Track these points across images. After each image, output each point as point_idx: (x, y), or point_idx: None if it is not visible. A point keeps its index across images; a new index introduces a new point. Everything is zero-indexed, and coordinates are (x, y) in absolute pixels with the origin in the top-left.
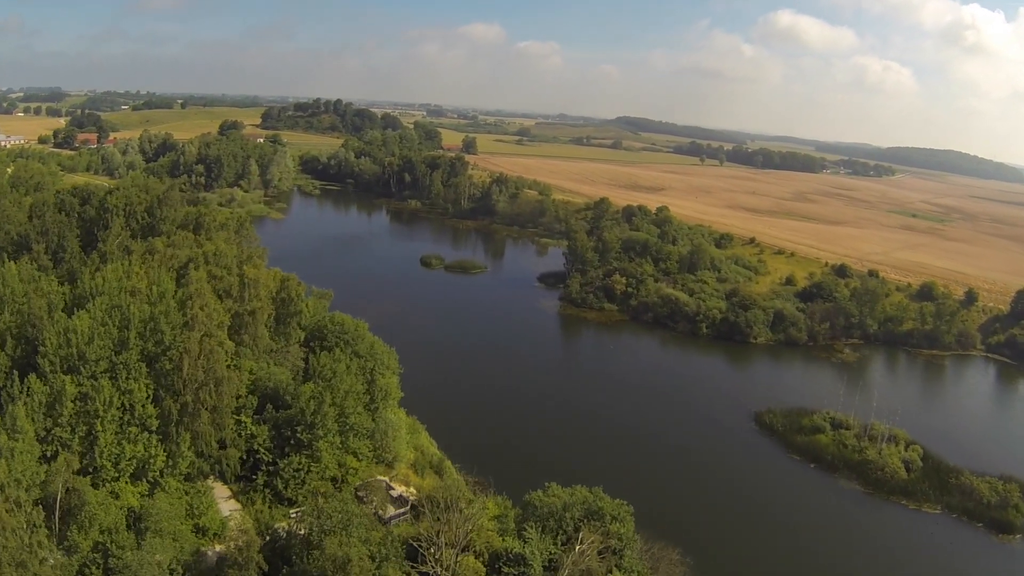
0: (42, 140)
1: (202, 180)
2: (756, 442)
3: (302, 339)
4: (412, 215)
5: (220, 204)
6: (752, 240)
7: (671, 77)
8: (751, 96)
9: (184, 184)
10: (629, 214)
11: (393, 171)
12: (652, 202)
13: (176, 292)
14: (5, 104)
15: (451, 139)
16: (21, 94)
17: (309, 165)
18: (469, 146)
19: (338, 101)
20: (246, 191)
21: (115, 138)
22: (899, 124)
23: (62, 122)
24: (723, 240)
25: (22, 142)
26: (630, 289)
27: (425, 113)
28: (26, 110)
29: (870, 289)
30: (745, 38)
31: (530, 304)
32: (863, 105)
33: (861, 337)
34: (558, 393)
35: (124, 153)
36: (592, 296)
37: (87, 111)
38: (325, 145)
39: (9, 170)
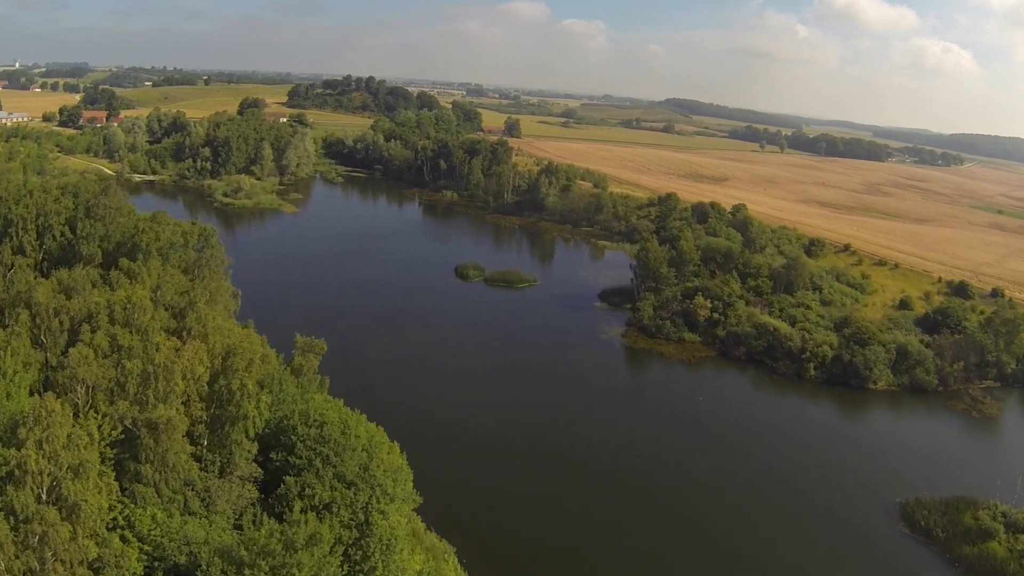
0: (46, 118)
1: (208, 165)
2: (908, 555)
3: (254, 453)
4: (447, 208)
5: (225, 194)
6: (847, 247)
7: (721, 58)
8: (804, 78)
9: (188, 169)
10: (701, 213)
11: (427, 157)
12: (717, 195)
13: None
14: (23, 79)
15: (492, 120)
16: (44, 69)
17: (333, 149)
18: (512, 128)
19: (370, 78)
20: (258, 178)
21: (124, 116)
22: (959, 109)
23: (77, 98)
24: (813, 247)
25: (24, 120)
26: (716, 315)
27: (465, 93)
28: (43, 86)
29: (1007, 319)
30: (800, 18)
31: (590, 332)
32: (921, 89)
33: (997, 378)
34: (630, 473)
35: (130, 133)
36: (669, 323)
37: (103, 87)
38: (354, 126)
39: None
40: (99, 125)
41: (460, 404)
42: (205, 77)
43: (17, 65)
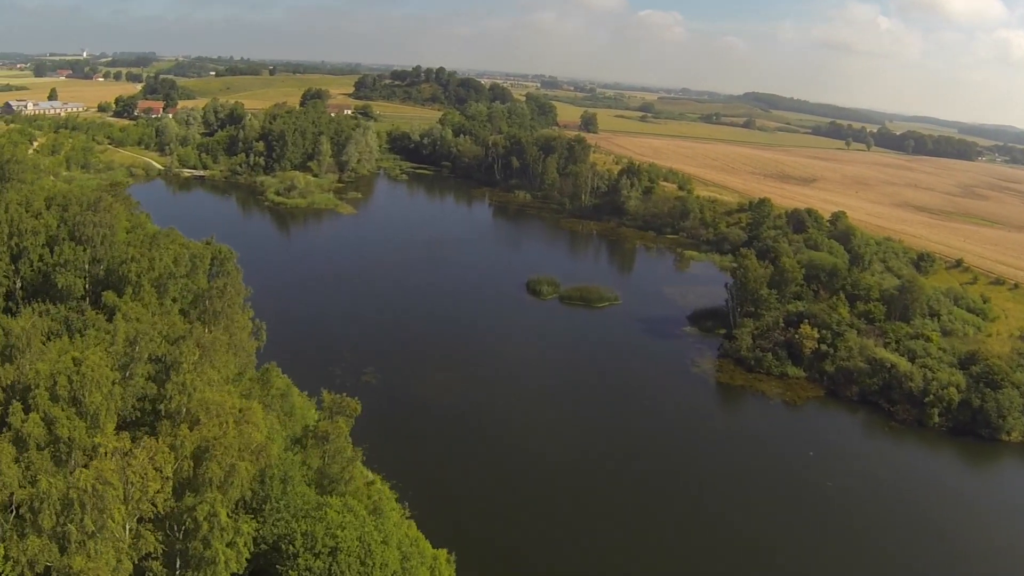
0: (102, 108)
1: (261, 161)
2: None
3: None
4: (519, 211)
5: (277, 193)
6: (959, 263)
7: (800, 51)
8: (885, 73)
9: (240, 164)
10: (797, 221)
11: (498, 154)
12: (809, 199)
13: None
14: (87, 69)
15: (567, 114)
16: (110, 59)
17: (398, 143)
18: (588, 123)
19: (440, 69)
20: (316, 175)
21: (181, 107)
22: None
23: (137, 88)
24: (923, 262)
25: (79, 110)
26: (824, 346)
27: (539, 85)
28: (107, 75)
29: None
30: (882, 9)
31: (679, 364)
32: (1007, 83)
33: None
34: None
35: (186, 124)
36: (770, 356)
37: (164, 76)
38: (422, 119)
39: (37, 142)
40: (155, 116)
41: (529, 457)
42: (271, 67)
43: (85, 55)
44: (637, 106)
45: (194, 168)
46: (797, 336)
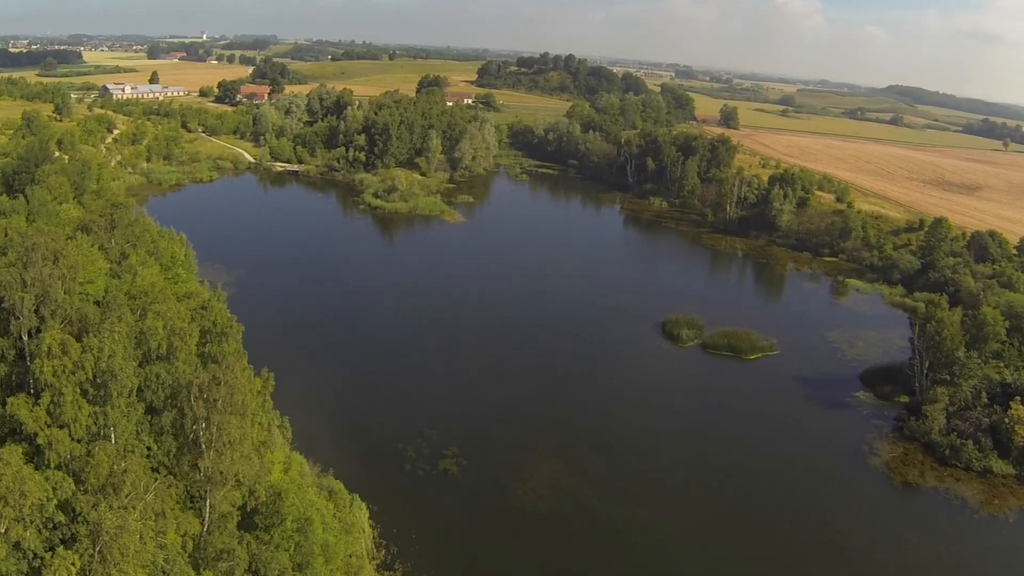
0: (203, 92)
1: (362, 156)
2: None
3: None
4: (654, 222)
5: (375, 194)
6: None
7: (944, 41)
8: None
9: (339, 159)
10: (979, 247)
11: (631, 153)
12: (977, 212)
13: None
14: (201, 51)
15: (704, 107)
16: (227, 41)
17: (520, 138)
18: (728, 118)
19: (569, 56)
20: (423, 173)
21: (288, 93)
22: None
23: (247, 72)
24: None
25: (178, 94)
26: None
27: (673, 74)
28: (220, 58)
29: None
30: None
31: (851, 448)
32: None
33: None
34: None
35: (286, 112)
36: (971, 445)
37: (277, 60)
38: (549, 110)
39: (117, 131)
40: (258, 102)
41: None
42: (391, 52)
43: (204, 37)
44: (776, 99)
45: (287, 162)
46: (1006, 420)
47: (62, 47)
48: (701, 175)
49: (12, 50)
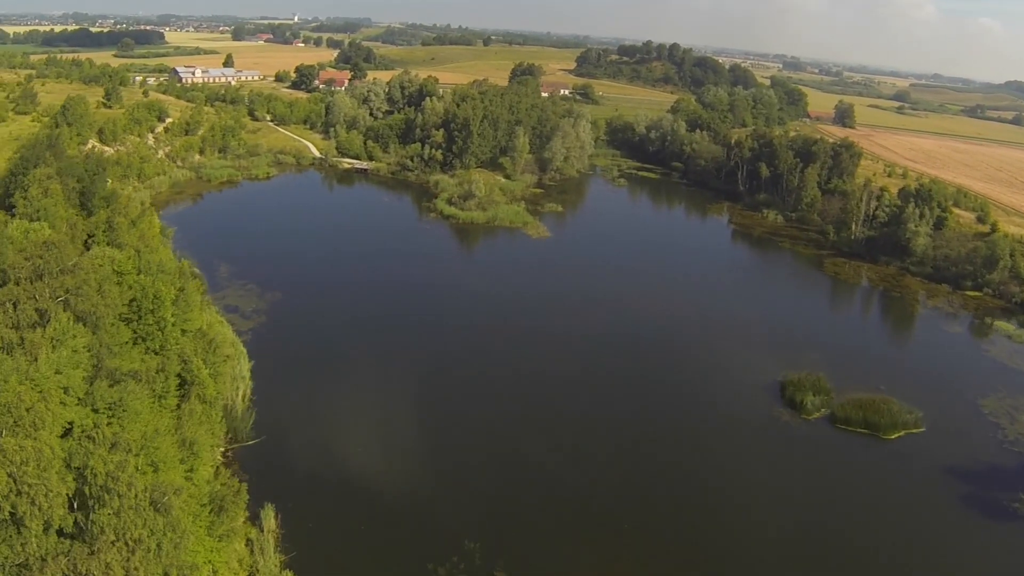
0: (279, 78)
1: (439, 154)
2: None
3: None
4: (767, 239)
5: (450, 201)
6: None
7: None
8: None
9: (413, 158)
10: None
11: (742, 157)
12: None
13: None
14: (288, 34)
15: (816, 103)
16: (317, 23)
17: (619, 136)
18: (844, 115)
19: (674, 46)
20: (508, 175)
21: (372, 79)
22: None
23: (332, 56)
24: None
25: (253, 79)
26: None
27: (780, 66)
28: (307, 41)
29: None
30: None
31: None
32: None
33: None
34: None
35: (363, 101)
36: None
37: (365, 44)
38: (652, 103)
39: (169, 119)
40: (337, 89)
41: None
42: (486, 37)
43: (295, 19)
44: (890, 94)
45: (356, 158)
46: None
47: (148, 27)
48: (821, 185)
49: (93, 30)
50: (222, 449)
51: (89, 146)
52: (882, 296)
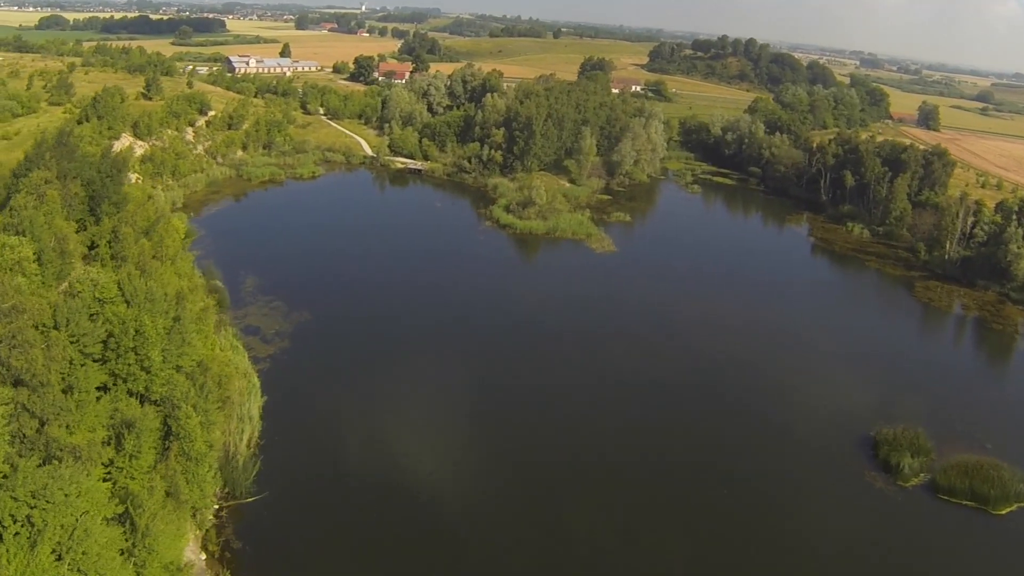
0: (337, 69)
1: (498, 156)
2: None
3: None
4: (851, 256)
5: (507, 208)
6: None
7: None
8: None
9: (470, 159)
10: None
11: (825, 164)
12: None
13: None
14: (353, 23)
15: (897, 103)
16: (383, 13)
17: (693, 137)
18: (927, 117)
19: (750, 41)
20: (573, 180)
21: (434, 72)
22: None
23: (396, 47)
24: None
25: (310, 70)
26: None
27: (858, 63)
28: (371, 31)
29: None
30: None
31: None
32: None
33: None
34: None
35: (422, 96)
36: None
37: (429, 34)
38: (727, 102)
39: (212, 112)
40: (397, 81)
41: None
42: (556, 29)
43: (363, 8)
44: (972, 94)
45: (410, 157)
46: None
47: (210, 15)
48: (911, 197)
49: (154, 17)
50: (215, 507)
51: (122, 141)
52: (979, 327)
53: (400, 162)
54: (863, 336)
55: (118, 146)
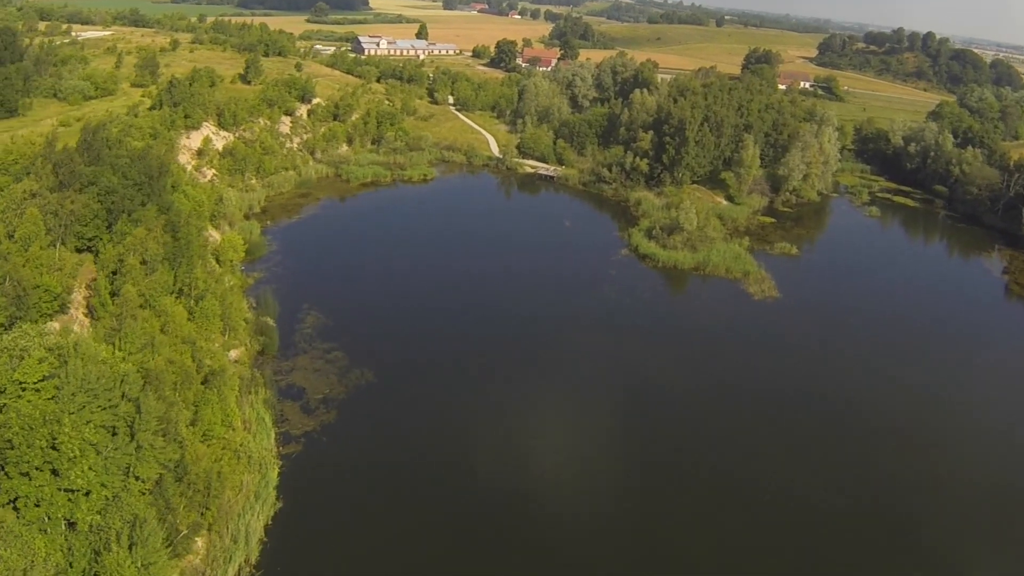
0: (476, 54)
1: (643, 164)
2: None
3: None
4: None
5: (649, 234)
6: None
7: None
8: None
9: (611, 166)
10: None
11: (1022, 185)
12: None
13: None
14: (504, 4)
15: None
16: None
17: (869, 146)
18: None
19: (928, 35)
20: (731, 196)
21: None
22: None
23: (546, 31)
24: None
25: (447, 53)
26: None
27: None
28: (523, 12)
29: None
30: None
31: None
32: None
33: None
34: None
35: (568, 87)
36: None
37: (586, 18)
38: (903, 103)
39: (316, 100)
40: (543, 68)
41: None
42: (719, 16)
43: None
44: None
45: (542, 160)
46: None
47: None
48: None
49: None
50: None
51: (202, 132)
52: None
53: (529, 165)
54: None
55: (196, 137)
